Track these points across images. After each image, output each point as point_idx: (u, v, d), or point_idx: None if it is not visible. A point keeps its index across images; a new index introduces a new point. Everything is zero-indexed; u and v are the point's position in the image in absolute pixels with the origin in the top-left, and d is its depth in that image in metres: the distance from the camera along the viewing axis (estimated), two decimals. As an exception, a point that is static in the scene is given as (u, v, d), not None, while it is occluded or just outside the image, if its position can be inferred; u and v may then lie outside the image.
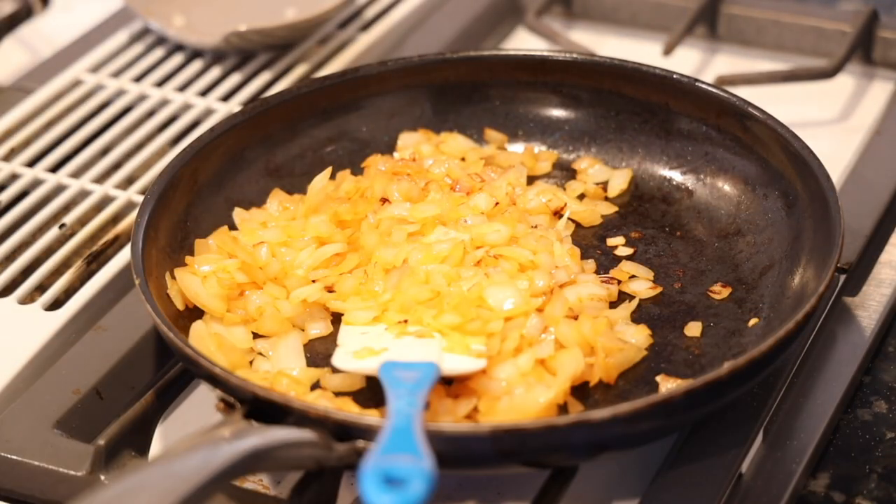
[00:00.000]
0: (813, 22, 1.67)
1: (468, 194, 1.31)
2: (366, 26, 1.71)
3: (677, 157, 1.38)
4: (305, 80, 1.54)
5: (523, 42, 1.72)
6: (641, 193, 1.38)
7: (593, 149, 1.42)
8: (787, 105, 1.47)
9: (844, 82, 1.63)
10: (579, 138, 1.42)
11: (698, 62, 1.68)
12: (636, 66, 1.39)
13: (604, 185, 1.39)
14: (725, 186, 1.35)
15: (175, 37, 1.64)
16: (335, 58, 1.65)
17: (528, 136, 1.44)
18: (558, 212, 1.33)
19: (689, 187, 1.37)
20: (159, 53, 1.65)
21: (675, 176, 1.38)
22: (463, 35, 1.68)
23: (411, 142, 1.40)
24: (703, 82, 1.36)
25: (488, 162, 1.38)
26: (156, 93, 1.58)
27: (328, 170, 1.33)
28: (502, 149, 1.43)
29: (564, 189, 1.38)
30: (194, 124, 1.54)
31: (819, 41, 1.66)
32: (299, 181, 1.36)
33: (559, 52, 1.45)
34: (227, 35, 1.58)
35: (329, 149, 1.40)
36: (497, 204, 1.30)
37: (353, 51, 1.65)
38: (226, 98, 1.58)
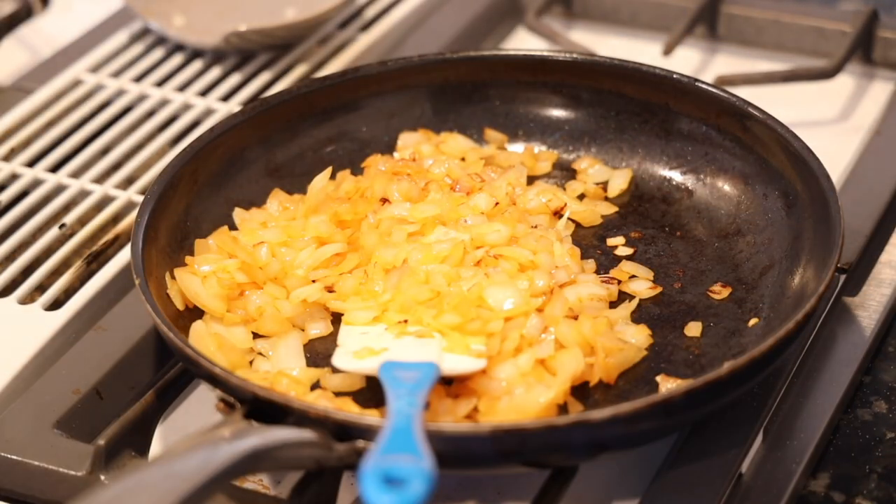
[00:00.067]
0: (813, 22, 1.67)
1: (468, 194, 1.31)
2: (366, 26, 1.71)
3: (677, 157, 1.38)
4: (305, 80, 1.54)
5: (523, 42, 1.72)
6: (641, 193, 1.38)
7: (593, 149, 1.42)
8: (787, 105, 1.47)
9: (844, 82, 1.63)
10: (579, 138, 1.42)
11: (698, 62, 1.68)
12: (636, 66, 1.39)
13: (604, 185, 1.39)
14: (725, 186, 1.35)
15: (175, 37, 1.63)
16: (335, 58, 1.64)
17: (528, 136, 1.44)
18: (558, 212, 1.33)
19: (689, 187, 1.37)
20: (159, 53, 1.65)
21: (675, 176, 1.38)
22: (463, 35, 1.68)
23: (411, 142, 1.40)
24: (703, 82, 1.36)
25: (488, 162, 1.38)
26: (156, 93, 1.58)
27: (328, 170, 1.33)
28: (502, 149, 1.43)
29: (564, 189, 1.38)
30: (194, 124, 1.54)
31: (819, 41, 1.66)
32: (299, 181, 1.36)
33: (559, 52, 1.45)
34: (227, 35, 1.58)
35: (329, 149, 1.40)
36: (497, 204, 1.30)
37: (353, 51, 1.65)
38: (226, 98, 1.58)
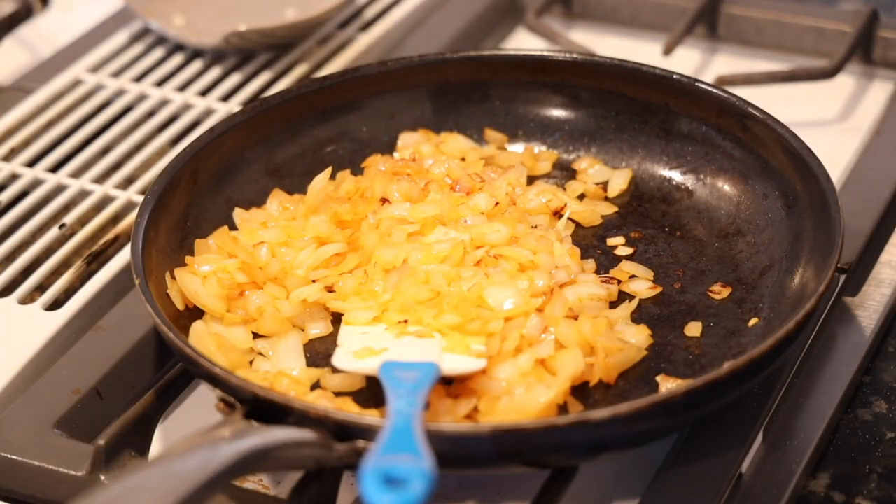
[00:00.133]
0: (813, 22, 1.67)
1: (468, 194, 1.31)
2: (366, 26, 1.71)
3: (677, 157, 1.38)
4: (305, 80, 1.53)
5: (523, 42, 1.72)
6: (641, 193, 1.38)
7: (593, 149, 1.42)
8: (787, 105, 1.47)
9: (844, 82, 1.63)
10: (579, 138, 1.42)
11: (698, 62, 1.68)
12: (636, 66, 1.39)
13: (604, 185, 1.39)
14: (725, 186, 1.35)
15: (175, 37, 1.63)
16: (335, 58, 1.64)
17: (528, 136, 1.44)
18: (558, 212, 1.33)
19: (689, 187, 1.37)
20: (159, 53, 1.65)
21: (675, 176, 1.38)
22: (463, 35, 1.68)
23: (411, 142, 1.40)
24: (703, 82, 1.36)
25: (488, 162, 1.38)
26: (156, 93, 1.58)
27: (328, 170, 1.33)
28: (502, 149, 1.43)
29: (564, 189, 1.38)
30: (194, 124, 1.54)
31: (819, 41, 1.66)
32: (299, 181, 1.36)
33: (559, 52, 1.45)
34: (227, 35, 1.58)
35: (329, 149, 1.40)
36: (497, 204, 1.30)
37: (353, 51, 1.65)
38: (226, 98, 1.58)
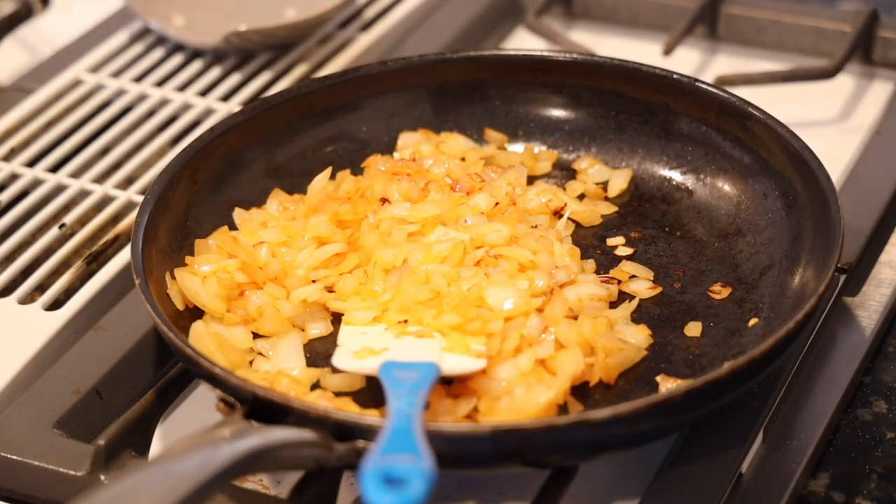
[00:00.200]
0: (813, 22, 1.67)
1: (468, 194, 1.31)
2: (366, 26, 1.71)
3: (677, 157, 1.38)
4: (305, 80, 1.53)
5: (523, 42, 1.72)
6: (641, 193, 1.38)
7: (593, 149, 1.42)
8: (787, 105, 1.46)
9: (844, 82, 1.63)
10: (579, 138, 1.42)
11: (698, 62, 1.68)
12: (636, 66, 1.39)
13: (604, 185, 1.39)
14: (725, 186, 1.34)
15: (175, 37, 1.63)
16: (335, 58, 1.64)
17: (528, 136, 1.44)
18: (558, 212, 1.33)
19: (689, 187, 1.37)
20: (159, 53, 1.65)
21: (675, 176, 1.38)
22: (463, 35, 1.68)
23: (411, 142, 1.40)
24: (703, 82, 1.36)
25: (488, 162, 1.38)
26: (156, 93, 1.58)
27: (328, 170, 1.33)
28: (502, 149, 1.43)
29: (564, 189, 1.38)
30: (194, 124, 1.54)
31: (819, 41, 1.66)
32: (299, 181, 1.36)
33: (559, 52, 1.45)
34: (227, 35, 1.58)
35: (329, 149, 1.40)
36: (497, 204, 1.30)
37: (353, 51, 1.65)
38: (226, 98, 1.58)
